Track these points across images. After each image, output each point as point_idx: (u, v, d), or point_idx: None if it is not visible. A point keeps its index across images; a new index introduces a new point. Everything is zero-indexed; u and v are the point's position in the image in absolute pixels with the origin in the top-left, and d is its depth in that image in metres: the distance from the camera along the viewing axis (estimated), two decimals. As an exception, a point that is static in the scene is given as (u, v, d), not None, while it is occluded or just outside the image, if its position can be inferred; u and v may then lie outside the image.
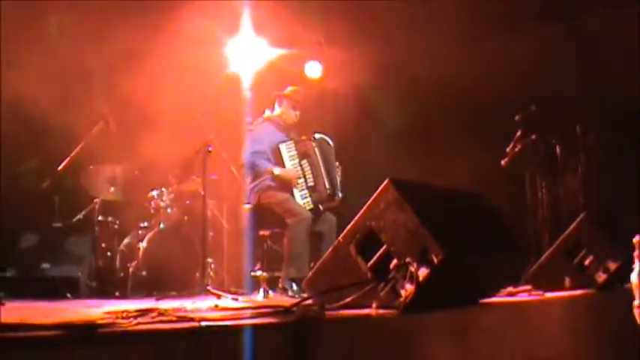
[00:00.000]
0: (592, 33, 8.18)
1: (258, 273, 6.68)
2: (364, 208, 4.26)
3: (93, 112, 7.67)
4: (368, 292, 4.10)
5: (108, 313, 3.99)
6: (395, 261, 4.10)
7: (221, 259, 7.88)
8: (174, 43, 8.10)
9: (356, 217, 4.30)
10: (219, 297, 6.15)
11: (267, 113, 7.05)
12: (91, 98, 8.28)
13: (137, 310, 3.79)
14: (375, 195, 4.23)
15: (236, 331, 3.23)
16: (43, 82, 7.30)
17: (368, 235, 4.22)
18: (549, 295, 5.49)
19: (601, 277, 5.82)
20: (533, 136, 7.36)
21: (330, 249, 4.42)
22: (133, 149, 7.53)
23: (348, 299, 4.04)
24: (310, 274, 4.55)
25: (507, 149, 7.32)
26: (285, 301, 5.61)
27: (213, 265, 7.61)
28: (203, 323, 3.23)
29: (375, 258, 4.17)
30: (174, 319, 3.35)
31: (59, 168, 7.25)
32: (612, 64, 7.86)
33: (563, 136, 7.43)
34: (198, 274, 7.21)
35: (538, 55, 8.24)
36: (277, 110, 7.04)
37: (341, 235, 4.36)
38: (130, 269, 7.12)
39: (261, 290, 6.41)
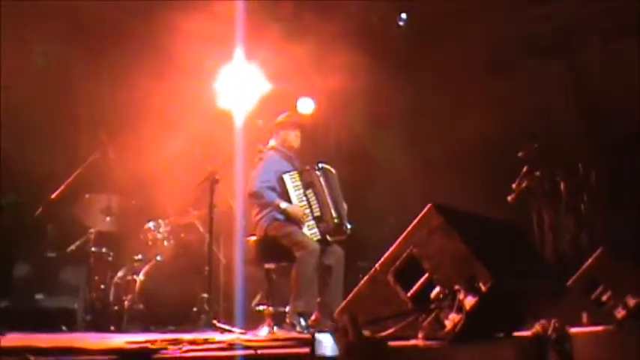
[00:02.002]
0: (591, 69, 8.23)
1: (262, 308, 6.44)
2: (404, 234, 4.10)
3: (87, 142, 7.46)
4: (408, 323, 3.93)
5: (131, 343, 3.75)
6: (437, 289, 3.94)
7: (217, 293, 7.62)
8: (167, 73, 7.98)
9: (394, 244, 4.14)
10: (223, 331, 5.93)
11: (272, 143, 6.89)
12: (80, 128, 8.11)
13: (164, 340, 3.57)
14: (416, 220, 4.08)
15: (294, 358, 3.03)
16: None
17: (408, 262, 4.06)
18: (574, 329, 5.36)
19: (620, 312, 5.71)
20: (538, 173, 7.30)
21: (365, 277, 4.24)
22: (130, 179, 7.29)
23: (392, 329, 3.86)
24: (344, 303, 4.36)
25: (513, 185, 7.25)
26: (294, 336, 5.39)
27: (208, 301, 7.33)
28: (259, 351, 3.02)
29: (416, 286, 4.01)
30: (225, 346, 3.13)
31: (53, 196, 6.97)
32: (612, 99, 7.89)
33: (567, 173, 7.39)
34: (195, 309, 6.99)
35: (538, 91, 8.26)
36: (277, 140, 6.88)
37: (378, 263, 4.19)
38: (126, 303, 6.84)
39: (266, 326, 6.19)
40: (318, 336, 2.49)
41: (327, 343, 2.47)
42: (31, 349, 2.49)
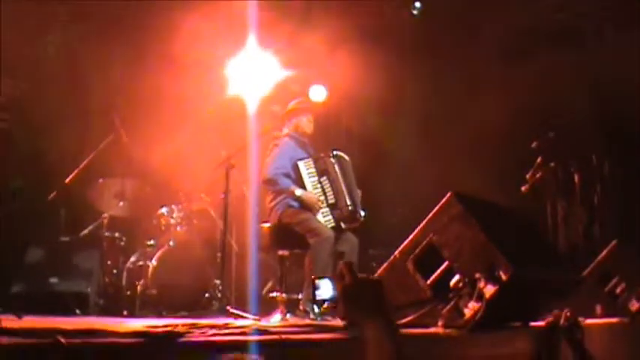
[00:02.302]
0: (605, 58, 8.18)
1: (276, 294, 6.45)
2: (424, 222, 4.10)
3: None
4: (427, 311, 3.93)
5: (150, 327, 3.75)
6: (457, 277, 3.94)
7: (229, 280, 7.62)
8: (180, 58, 7.97)
9: (414, 232, 4.14)
10: (237, 317, 5.94)
11: (285, 130, 6.88)
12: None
13: (184, 324, 3.56)
14: (436, 209, 4.08)
15: (316, 344, 3.03)
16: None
17: (427, 250, 4.06)
18: (588, 321, 5.36)
19: (634, 305, 5.70)
20: (552, 164, 7.28)
21: (384, 265, 4.24)
22: (143, 164, 7.29)
23: (412, 317, 3.86)
24: (362, 291, 4.34)
25: (527, 176, 7.22)
26: (315, 322, 5.39)
27: (220, 287, 7.34)
28: (283, 336, 3.02)
29: (435, 274, 4.00)
30: (247, 331, 3.13)
31: (67, 180, 6.97)
32: (626, 89, 7.84)
33: (581, 163, 7.37)
34: (207, 295, 7.01)
35: (552, 81, 8.21)
36: (290, 126, 6.86)
37: (397, 251, 4.18)
38: (139, 287, 6.84)
39: (278, 312, 6.19)
40: (318, 282, 2.55)
41: (326, 287, 2.53)
42: (59, 330, 2.50)
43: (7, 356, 2.20)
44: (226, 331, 3.12)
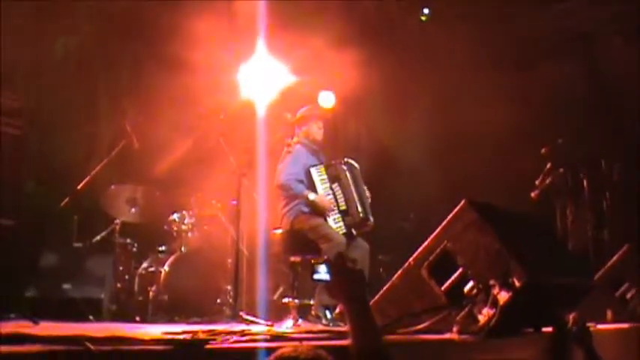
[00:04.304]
0: (612, 67, 8.22)
1: (288, 300, 6.48)
2: (438, 229, 4.14)
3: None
4: (442, 317, 3.97)
5: (168, 333, 3.79)
6: (471, 284, 3.98)
7: (240, 285, 7.65)
8: (190, 63, 8.01)
9: (428, 239, 4.18)
10: (249, 323, 5.97)
11: (297, 137, 6.93)
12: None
13: (204, 331, 3.60)
14: (450, 216, 4.12)
15: (333, 349, 3.07)
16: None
17: (442, 257, 4.10)
18: (599, 326, 5.39)
19: (645, 310, 5.75)
20: (561, 170, 7.32)
21: (399, 272, 4.28)
22: (154, 169, 7.35)
23: (427, 323, 3.91)
24: (377, 297, 4.39)
25: (537, 182, 7.27)
26: (329, 328, 5.43)
27: (232, 293, 7.38)
28: (304, 342, 3.06)
29: (450, 281, 4.05)
30: (267, 338, 3.18)
31: (79, 186, 7.01)
32: (633, 97, 7.89)
33: (590, 169, 7.41)
34: (219, 300, 7.04)
35: (560, 89, 8.26)
36: (301, 134, 6.91)
37: (412, 258, 4.23)
38: (151, 293, 6.87)
39: (290, 318, 6.22)
40: (317, 265, 2.74)
41: (323, 270, 2.72)
42: (87, 337, 2.54)
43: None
44: (246, 337, 3.16)
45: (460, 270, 4.03)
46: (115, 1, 8.33)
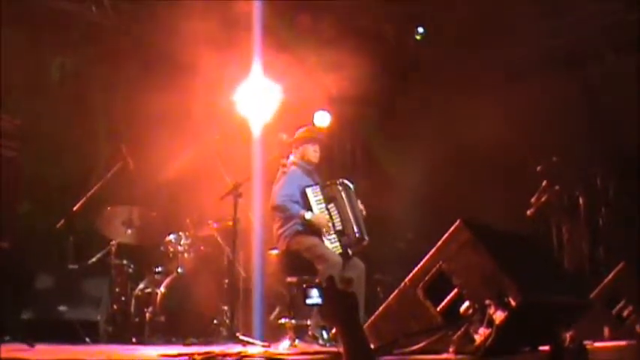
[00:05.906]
0: (605, 82, 8.26)
1: (284, 320, 6.47)
2: (433, 249, 4.14)
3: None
4: (438, 337, 3.96)
5: (164, 355, 3.79)
6: (466, 304, 3.97)
7: (236, 306, 7.64)
8: (185, 84, 8.05)
9: (423, 260, 4.18)
10: (246, 344, 5.96)
11: (292, 158, 6.94)
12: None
13: (200, 354, 3.60)
14: (445, 236, 4.12)
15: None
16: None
17: (437, 277, 4.10)
18: (596, 344, 5.37)
19: (642, 328, 5.72)
20: (557, 187, 7.34)
21: (394, 293, 4.28)
22: (150, 191, 7.35)
23: (422, 344, 3.90)
24: (372, 318, 4.38)
25: (532, 200, 7.29)
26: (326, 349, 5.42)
27: (228, 313, 7.36)
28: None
29: (445, 301, 4.04)
30: (265, 359, 3.18)
31: (75, 208, 7.01)
32: (627, 113, 7.91)
33: (585, 187, 7.43)
34: (215, 321, 7.03)
35: (554, 105, 8.30)
36: (297, 155, 6.92)
37: (407, 278, 4.22)
38: (147, 315, 6.86)
39: (287, 339, 6.21)
40: (308, 289, 2.78)
41: (315, 294, 2.73)
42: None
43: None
44: (243, 359, 3.15)
45: (455, 290, 4.02)
46: (111, 22, 8.36)
